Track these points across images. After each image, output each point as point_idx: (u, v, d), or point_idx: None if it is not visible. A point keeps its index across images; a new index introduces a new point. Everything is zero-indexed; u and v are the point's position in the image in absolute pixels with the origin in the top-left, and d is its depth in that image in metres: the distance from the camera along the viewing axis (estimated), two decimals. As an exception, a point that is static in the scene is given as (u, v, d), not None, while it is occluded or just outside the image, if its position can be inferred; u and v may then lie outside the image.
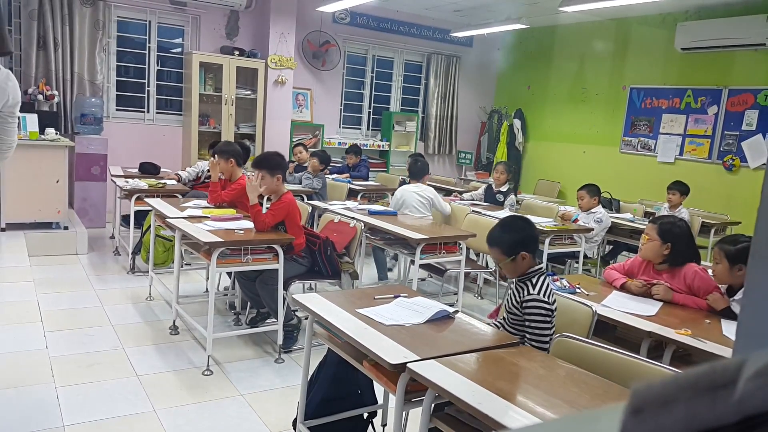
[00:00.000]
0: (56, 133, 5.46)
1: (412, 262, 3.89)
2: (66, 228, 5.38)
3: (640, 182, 7.32)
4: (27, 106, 5.77)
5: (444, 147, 9.33)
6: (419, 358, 1.83)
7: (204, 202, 4.16)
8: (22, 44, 6.16)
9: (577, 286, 2.77)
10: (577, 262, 4.69)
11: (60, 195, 5.31)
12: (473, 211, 4.84)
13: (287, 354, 3.55)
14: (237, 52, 7.08)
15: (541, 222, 4.51)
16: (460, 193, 6.32)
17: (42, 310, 3.75)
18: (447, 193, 6.38)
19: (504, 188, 5.67)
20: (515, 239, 2.33)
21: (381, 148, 8.54)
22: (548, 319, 2.17)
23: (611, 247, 5.66)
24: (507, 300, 2.35)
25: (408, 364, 1.78)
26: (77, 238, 5.32)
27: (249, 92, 7.27)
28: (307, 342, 2.44)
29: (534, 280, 2.26)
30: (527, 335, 2.14)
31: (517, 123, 9.01)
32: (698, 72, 6.86)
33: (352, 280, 3.73)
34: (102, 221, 6.22)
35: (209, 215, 3.72)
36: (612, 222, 5.12)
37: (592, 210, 4.93)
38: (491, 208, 5.35)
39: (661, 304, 2.65)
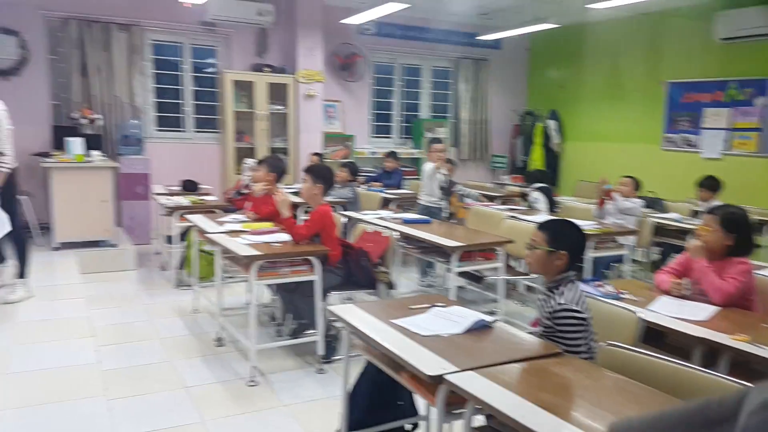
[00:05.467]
0: (101, 155, 5.68)
1: (449, 270, 3.89)
2: (114, 245, 5.58)
3: (685, 180, 7.11)
4: (71, 131, 6.04)
5: (477, 152, 9.30)
6: (458, 369, 1.81)
7: (242, 217, 4.26)
8: (66, 72, 6.43)
9: (623, 291, 2.69)
10: (623, 265, 4.59)
11: (107, 214, 5.52)
12: (510, 216, 4.80)
13: (328, 364, 3.59)
14: (267, 69, 7.23)
15: (581, 225, 4.40)
16: (494, 198, 6.29)
17: (94, 325, 3.90)
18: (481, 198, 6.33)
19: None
20: (567, 236, 2.29)
21: (413, 156, 8.56)
22: (581, 328, 2.12)
23: (661, 249, 5.50)
24: (538, 311, 2.32)
25: (446, 376, 1.77)
26: (125, 255, 5.51)
27: (280, 107, 7.41)
28: (345, 353, 2.47)
29: (562, 288, 2.21)
30: (562, 346, 2.11)
31: (551, 124, 8.92)
32: (741, 62, 6.65)
33: (388, 289, 3.76)
34: (148, 238, 6.42)
35: (247, 229, 3.81)
36: (659, 223, 5.06)
37: (631, 199, 5.00)
38: (530, 212, 5.30)
39: (714, 308, 2.53)
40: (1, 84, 5.91)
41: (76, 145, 5.50)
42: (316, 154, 6.60)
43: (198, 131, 7.41)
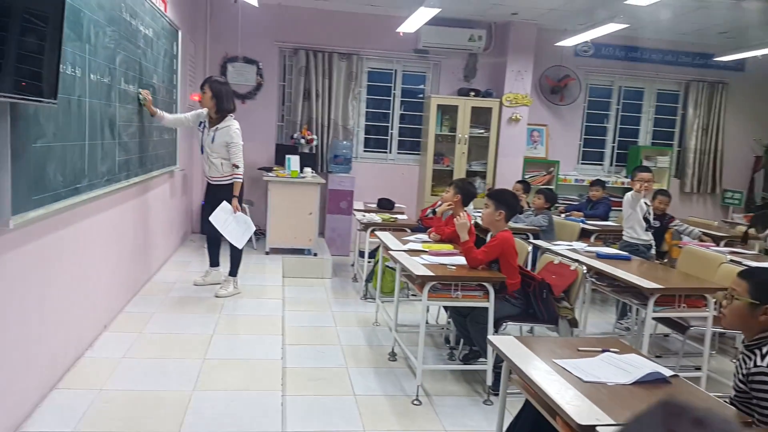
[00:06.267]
0: (312, 172, 6.26)
1: (645, 314, 3.47)
2: (315, 255, 6.08)
3: None
4: (291, 149, 6.77)
5: (705, 185, 8.23)
6: (614, 422, 1.62)
7: (425, 237, 4.32)
8: (292, 97, 7.25)
9: None
10: None
11: (312, 225, 6.06)
12: (731, 260, 4.12)
13: (496, 396, 3.43)
14: (472, 93, 7.30)
15: None
16: (719, 239, 5.45)
17: (285, 324, 4.27)
18: (709, 237, 5.54)
19: None
20: None
21: (624, 186, 7.87)
22: None
23: None
24: (734, 372, 1.94)
25: (599, 428, 1.60)
26: (324, 264, 5.96)
27: (482, 131, 7.41)
28: (503, 387, 2.34)
29: (765, 349, 1.82)
30: (756, 416, 1.73)
31: (804, 157, 7.54)
32: None
33: (570, 327, 3.48)
34: (347, 250, 6.87)
35: (427, 249, 3.85)
36: None
37: None
38: (758, 258, 4.51)
39: None
40: (240, 107, 6.85)
41: (293, 162, 6.13)
42: (521, 181, 6.44)
43: (400, 152, 7.76)
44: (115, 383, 3.01)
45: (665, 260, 5.33)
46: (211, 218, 4.43)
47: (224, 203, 4.43)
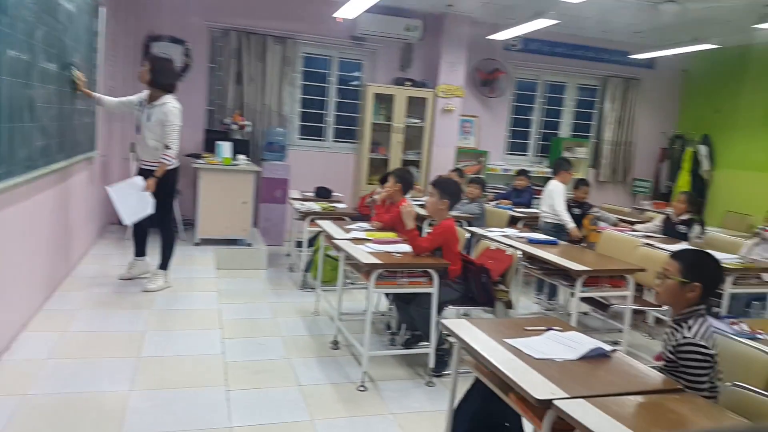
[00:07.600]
0: (246, 159, 6.11)
1: (573, 294, 3.67)
2: (249, 245, 5.95)
3: None
4: (222, 135, 6.56)
5: (617, 174, 8.80)
6: (568, 396, 1.73)
7: (368, 225, 4.34)
8: (222, 80, 7.00)
9: (761, 332, 2.43)
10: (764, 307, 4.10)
11: (246, 215, 5.92)
12: (645, 244, 4.46)
13: (438, 378, 3.54)
14: (408, 83, 7.37)
15: (724, 259, 4.04)
16: (632, 223, 5.88)
17: (222, 318, 4.13)
18: (618, 223, 5.96)
19: (685, 217, 5.20)
20: (702, 268, 2.15)
21: (547, 175, 8.23)
22: (705, 365, 1.96)
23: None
24: (663, 344, 2.14)
25: (555, 401, 1.70)
26: (258, 255, 5.84)
27: (417, 120, 7.51)
28: (455, 368, 2.41)
29: (690, 322, 2.07)
30: (683, 382, 1.93)
31: (702, 149, 8.27)
32: None
33: (506, 309, 3.63)
34: (281, 240, 6.75)
35: (371, 238, 3.87)
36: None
37: None
38: (668, 240, 4.89)
39: None
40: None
41: (225, 148, 5.96)
42: (456, 170, 6.58)
43: (336, 141, 7.72)
44: (42, 387, 2.78)
45: (584, 244, 5.66)
46: (108, 187, 4.12)
47: (138, 179, 4.13)
